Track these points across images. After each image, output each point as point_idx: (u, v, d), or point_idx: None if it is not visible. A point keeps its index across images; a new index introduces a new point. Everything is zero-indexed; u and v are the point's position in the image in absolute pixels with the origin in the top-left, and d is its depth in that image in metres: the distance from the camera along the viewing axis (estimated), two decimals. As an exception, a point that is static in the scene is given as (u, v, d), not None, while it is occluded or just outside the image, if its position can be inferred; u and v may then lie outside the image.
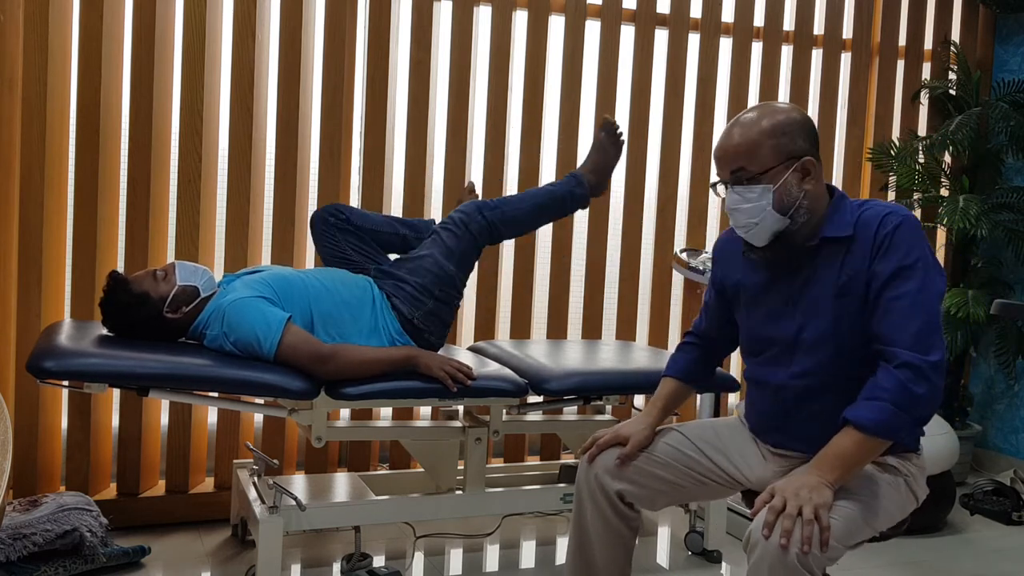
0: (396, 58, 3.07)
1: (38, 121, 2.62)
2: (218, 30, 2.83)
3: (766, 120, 1.66)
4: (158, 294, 2.26)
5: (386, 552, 2.69)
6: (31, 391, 2.65)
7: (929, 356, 1.54)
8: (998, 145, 3.71)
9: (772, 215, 1.66)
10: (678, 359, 2.00)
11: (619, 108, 3.36)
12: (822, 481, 1.52)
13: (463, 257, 2.49)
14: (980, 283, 3.65)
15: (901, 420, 1.53)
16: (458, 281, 2.48)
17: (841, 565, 2.70)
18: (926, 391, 1.53)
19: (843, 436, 1.56)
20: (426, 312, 2.42)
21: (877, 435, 1.54)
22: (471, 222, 2.49)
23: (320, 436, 2.34)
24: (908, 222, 1.62)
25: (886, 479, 1.66)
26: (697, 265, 3.26)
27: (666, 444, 1.83)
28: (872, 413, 1.54)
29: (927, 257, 1.61)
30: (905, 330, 1.56)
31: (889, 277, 1.60)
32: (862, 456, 1.56)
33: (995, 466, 3.80)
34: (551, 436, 3.31)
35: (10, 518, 2.30)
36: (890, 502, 1.65)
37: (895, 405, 1.53)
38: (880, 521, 1.63)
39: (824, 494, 1.50)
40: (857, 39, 3.66)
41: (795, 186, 1.66)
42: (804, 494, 1.49)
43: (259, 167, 2.91)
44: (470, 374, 2.30)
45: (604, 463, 1.80)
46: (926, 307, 1.56)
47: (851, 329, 1.65)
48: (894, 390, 1.53)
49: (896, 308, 1.58)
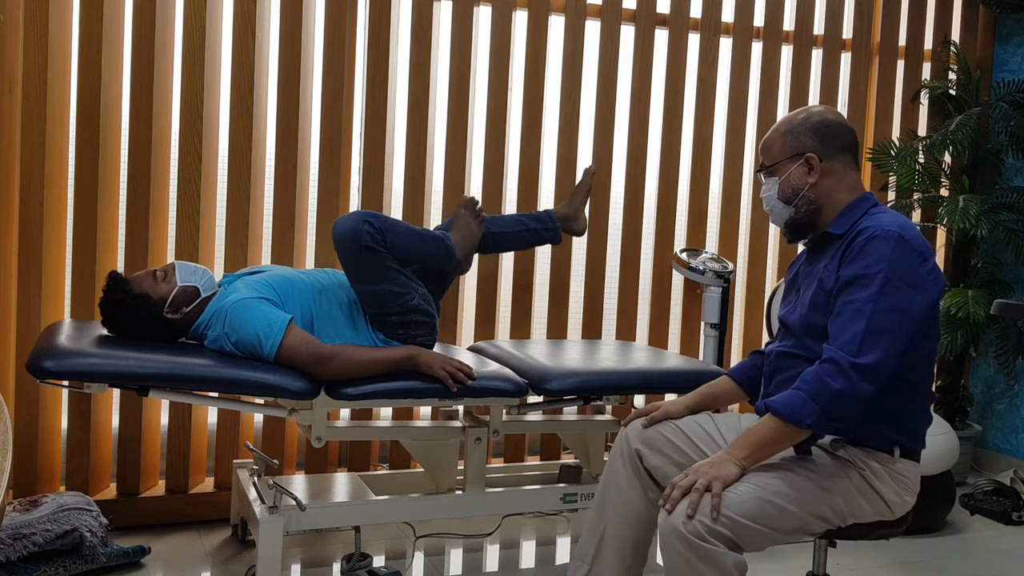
0: (396, 58, 3.07)
1: (38, 121, 2.62)
2: (218, 30, 2.83)
3: (787, 121, 1.86)
4: (158, 295, 2.26)
5: (386, 552, 2.69)
6: (31, 391, 2.65)
7: (858, 358, 1.61)
8: (998, 145, 3.71)
9: (779, 205, 1.85)
10: (743, 362, 2.06)
11: (619, 108, 3.36)
12: (729, 458, 1.63)
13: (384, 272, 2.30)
14: (980, 283, 3.65)
15: (809, 408, 1.61)
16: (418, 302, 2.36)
17: (842, 565, 2.70)
18: (843, 386, 1.60)
19: (762, 420, 1.67)
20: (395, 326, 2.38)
21: (783, 419, 1.62)
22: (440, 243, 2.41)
23: (320, 436, 2.34)
24: (882, 237, 1.67)
25: (832, 467, 1.71)
26: (697, 265, 3.25)
27: (693, 422, 1.93)
28: (786, 399, 1.64)
29: (893, 271, 1.64)
30: (844, 332, 1.64)
31: (847, 282, 1.69)
32: (773, 439, 1.64)
33: (995, 466, 3.80)
34: (551, 436, 3.31)
35: (10, 518, 2.30)
36: (829, 490, 1.68)
37: (807, 394, 1.61)
38: (814, 507, 1.66)
39: (725, 468, 1.61)
40: (857, 39, 3.66)
41: (799, 179, 1.82)
42: (704, 469, 1.61)
43: (259, 167, 2.91)
44: (470, 373, 2.30)
45: (634, 425, 1.93)
46: (870, 314, 1.63)
47: (818, 319, 1.75)
48: (812, 381, 1.62)
49: (844, 311, 1.67)
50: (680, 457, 1.87)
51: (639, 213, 3.36)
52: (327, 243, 2.95)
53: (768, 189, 1.86)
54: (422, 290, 2.38)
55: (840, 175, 1.81)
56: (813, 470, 1.70)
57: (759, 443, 1.64)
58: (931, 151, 3.58)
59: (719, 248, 3.50)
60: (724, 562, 1.53)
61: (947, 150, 3.59)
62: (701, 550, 1.52)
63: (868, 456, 1.73)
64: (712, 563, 1.52)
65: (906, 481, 1.75)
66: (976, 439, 3.80)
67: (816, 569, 1.97)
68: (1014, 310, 2.12)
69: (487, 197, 3.16)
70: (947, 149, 3.56)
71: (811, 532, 1.70)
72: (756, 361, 2.03)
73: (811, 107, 1.86)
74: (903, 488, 1.75)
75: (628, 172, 3.35)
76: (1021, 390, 3.73)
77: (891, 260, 1.65)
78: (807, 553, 2.73)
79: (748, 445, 1.65)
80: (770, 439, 1.64)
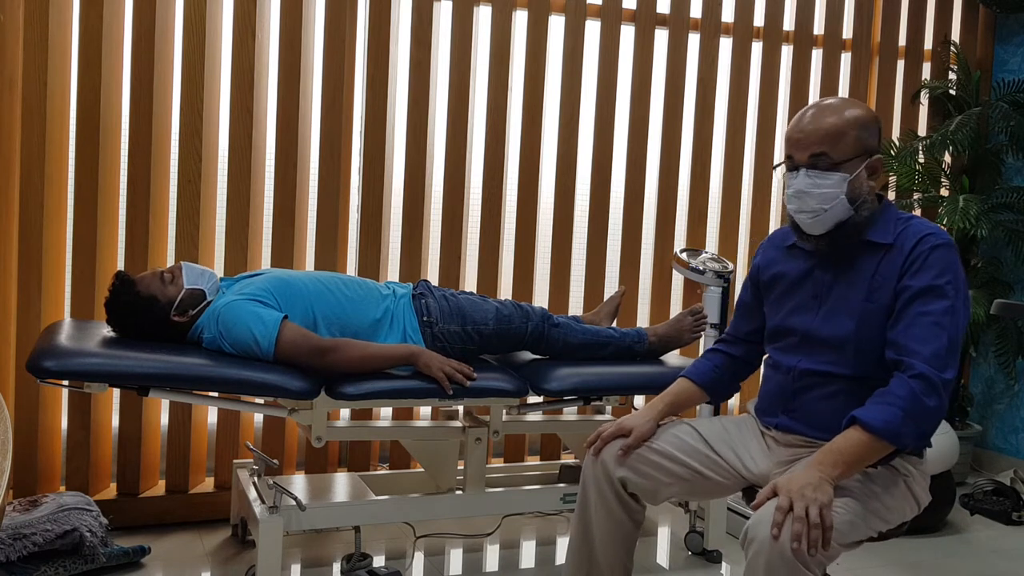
0: (396, 58, 3.07)
1: (38, 121, 2.62)
2: (218, 30, 2.83)
3: (851, 112, 1.70)
4: (166, 297, 2.26)
5: (386, 552, 2.69)
6: (31, 391, 2.65)
7: (944, 374, 1.58)
8: (998, 145, 3.71)
9: (843, 204, 1.70)
10: (700, 363, 2.01)
11: (619, 108, 3.36)
12: (824, 478, 1.54)
13: (504, 334, 2.49)
14: (980, 283, 3.65)
15: (908, 428, 1.56)
16: (483, 341, 2.47)
17: (842, 565, 2.70)
18: (936, 404, 1.57)
19: (849, 434, 1.58)
20: (450, 331, 2.42)
21: (883, 438, 1.56)
22: (533, 316, 2.53)
23: (320, 436, 2.34)
24: (946, 246, 1.66)
25: (883, 478, 1.68)
26: (697, 265, 3.25)
27: (673, 435, 1.86)
28: (882, 415, 1.56)
29: (959, 283, 1.64)
30: (927, 345, 1.59)
31: (919, 292, 1.63)
32: (865, 456, 1.58)
33: (995, 466, 3.80)
34: (551, 436, 3.31)
35: (10, 518, 2.30)
36: (887, 502, 1.66)
37: (905, 412, 1.56)
38: (877, 521, 1.65)
39: (827, 491, 1.51)
40: (857, 39, 3.66)
41: (864, 181, 1.72)
42: (809, 493, 1.50)
43: (259, 167, 2.91)
44: (469, 375, 2.30)
45: (609, 451, 1.83)
46: (949, 328, 1.60)
47: (871, 332, 1.69)
48: (907, 398, 1.57)
49: (921, 323, 1.61)
50: (666, 477, 1.82)
51: (639, 213, 3.36)
52: (327, 243, 2.95)
53: (825, 184, 1.69)
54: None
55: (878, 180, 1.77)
56: (875, 482, 1.66)
57: (852, 460, 1.56)
58: (931, 151, 3.58)
59: (719, 248, 3.50)
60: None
61: (947, 150, 3.59)
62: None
63: (906, 462, 1.72)
64: None
65: (927, 478, 1.77)
66: (976, 439, 3.80)
67: (816, 569, 1.97)
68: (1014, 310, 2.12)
69: (487, 197, 3.16)
70: (947, 149, 3.56)
71: (863, 540, 1.68)
72: (717, 361, 1.99)
73: (854, 100, 1.74)
74: (927, 486, 1.76)
75: (628, 172, 3.35)
76: (1021, 390, 3.73)
77: (956, 271, 1.64)
78: (807, 553, 2.73)
79: (840, 463, 1.56)
80: (863, 456, 1.57)
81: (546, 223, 3.29)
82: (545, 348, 2.57)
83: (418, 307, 2.43)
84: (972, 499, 3.29)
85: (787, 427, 1.81)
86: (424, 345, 2.40)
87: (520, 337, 2.51)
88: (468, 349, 2.46)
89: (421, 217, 3.08)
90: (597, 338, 2.62)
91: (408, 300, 2.44)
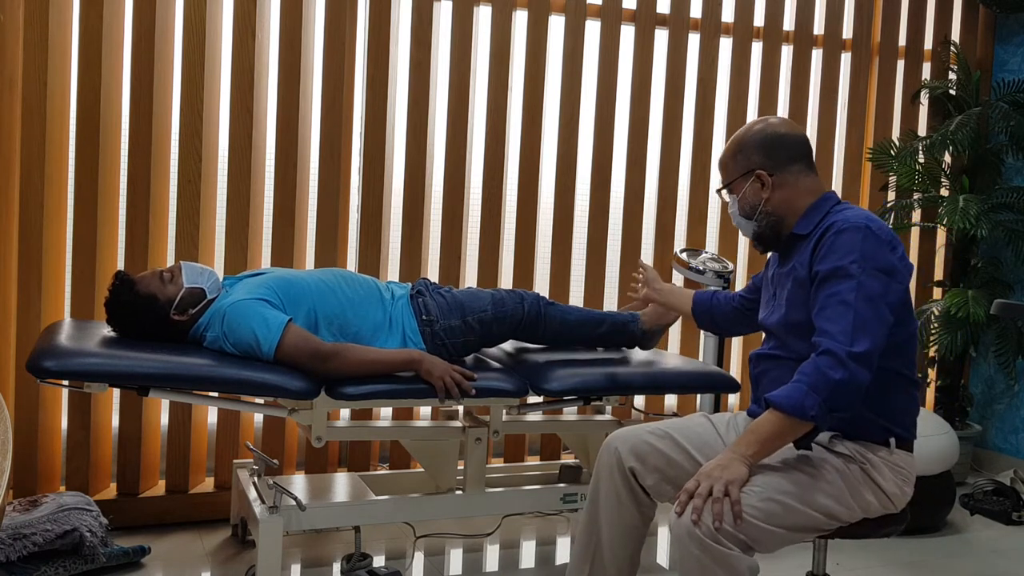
0: (396, 58, 3.07)
1: (38, 121, 2.62)
2: (218, 30, 2.83)
3: (737, 138, 1.90)
4: (165, 296, 2.25)
5: (386, 552, 2.69)
6: (31, 391, 2.65)
7: (853, 347, 1.63)
8: (998, 145, 3.71)
9: (741, 220, 1.91)
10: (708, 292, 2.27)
11: (619, 108, 3.36)
12: (736, 457, 1.63)
13: (503, 317, 2.50)
14: (980, 283, 3.65)
15: (811, 400, 1.62)
16: (483, 329, 2.48)
17: (842, 565, 2.70)
18: (843, 376, 1.62)
19: (764, 415, 1.67)
20: (451, 327, 2.42)
21: (786, 412, 1.62)
22: (527, 297, 2.55)
23: (320, 436, 2.34)
24: (853, 230, 1.71)
25: (833, 462, 1.73)
26: (697, 265, 3.25)
27: (689, 428, 1.93)
28: (786, 392, 1.64)
29: (865, 261, 1.69)
30: (835, 324, 1.66)
31: (825, 276, 1.71)
32: (778, 433, 1.64)
33: (995, 466, 3.80)
34: (551, 436, 3.31)
35: (10, 518, 2.30)
36: (834, 485, 1.70)
37: (808, 387, 1.63)
38: (821, 503, 1.68)
39: (736, 469, 1.61)
40: (857, 39, 3.66)
41: (754, 195, 1.87)
42: (716, 473, 1.60)
43: (259, 167, 2.91)
44: (469, 385, 2.29)
45: (624, 443, 1.90)
46: (855, 304, 1.66)
47: (799, 316, 1.79)
48: (811, 373, 1.64)
49: (828, 304, 1.69)
50: (674, 471, 1.86)
51: (639, 213, 3.36)
52: (327, 243, 2.95)
53: (731, 207, 1.92)
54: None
55: (793, 185, 1.85)
56: (815, 467, 1.71)
57: (764, 439, 1.64)
58: (931, 151, 3.58)
59: (719, 248, 3.50)
60: (738, 566, 1.54)
61: (947, 150, 3.59)
62: (717, 553, 1.53)
63: (866, 450, 1.75)
64: (727, 566, 1.54)
65: (904, 472, 1.78)
66: (976, 439, 3.80)
67: (816, 569, 1.97)
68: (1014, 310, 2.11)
69: (487, 197, 3.16)
70: (947, 149, 3.56)
71: (821, 529, 1.71)
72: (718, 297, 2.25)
73: (759, 121, 1.89)
74: (902, 480, 1.77)
75: (628, 172, 3.35)
76: (1021, 390, 3.73)
77: (863, 250, 1.69)
78: (807, 553, 2.73)
79: (753, 442, 1.65)
80: (774, 433, 1.64)
81: (546, 223, 3.29)
82: (544, 328, 2.57)
83: (416, 307, 2.43)
84: (972, 499, 3.29)
85: (754, 413, 1.90)
86: (424, 347, 2.40)
87: (518, 319, 2.51)
88: (469, 341, 2.46)
89: (421, 217, 3.08)
90: (592, 316, 2.65)
91: (406, 301, 2.44)
